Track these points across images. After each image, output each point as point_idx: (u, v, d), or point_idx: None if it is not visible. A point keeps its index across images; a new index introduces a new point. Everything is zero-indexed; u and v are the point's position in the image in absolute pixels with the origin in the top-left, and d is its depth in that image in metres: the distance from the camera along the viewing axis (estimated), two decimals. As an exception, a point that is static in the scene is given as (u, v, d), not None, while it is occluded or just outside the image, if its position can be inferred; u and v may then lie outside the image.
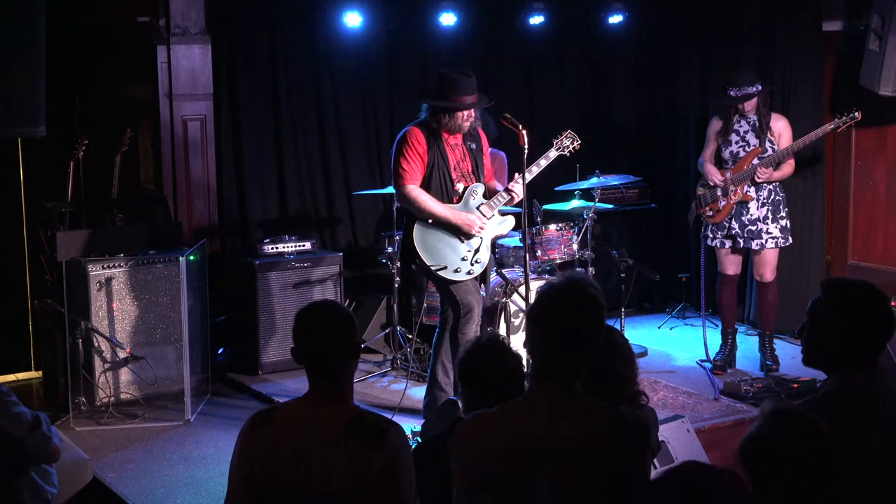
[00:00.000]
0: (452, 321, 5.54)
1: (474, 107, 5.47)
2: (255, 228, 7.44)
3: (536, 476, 2.58)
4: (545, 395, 2.66)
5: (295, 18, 7.44)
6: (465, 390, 3.49)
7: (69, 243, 6.13)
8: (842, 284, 2.94)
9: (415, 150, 5.42)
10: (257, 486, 2.82)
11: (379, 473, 2.73)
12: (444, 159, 5.49)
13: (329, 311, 2.94)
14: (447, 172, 5.50)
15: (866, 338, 2.82)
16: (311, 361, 2.89)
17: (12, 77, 5.16)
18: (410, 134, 5.46)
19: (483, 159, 5.70)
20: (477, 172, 5.62)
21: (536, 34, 8.06)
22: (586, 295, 2.69)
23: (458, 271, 5.49)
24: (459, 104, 5.39)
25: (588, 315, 2.68)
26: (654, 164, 8.40)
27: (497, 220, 5.64)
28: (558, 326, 2.65)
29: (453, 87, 5.37)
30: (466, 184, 5.58)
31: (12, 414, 3.69)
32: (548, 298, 2.70)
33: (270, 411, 2.92)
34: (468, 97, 5.42)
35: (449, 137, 5.52)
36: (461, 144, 5.58)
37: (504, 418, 2.69)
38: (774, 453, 2.36)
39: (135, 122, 7.21)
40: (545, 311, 2.68)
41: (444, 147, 5.50)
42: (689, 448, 4.86)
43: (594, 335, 2.69)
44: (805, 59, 7.34)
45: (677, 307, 8.05)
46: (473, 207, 5.56)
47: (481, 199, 5.59)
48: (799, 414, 2.42)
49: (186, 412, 5.96)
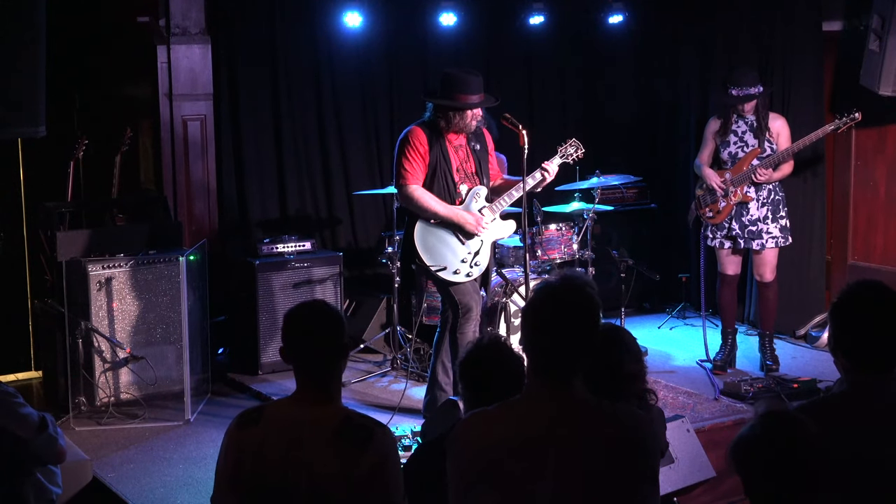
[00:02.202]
0: (451, 321, 5.55)
1: (482, 105, 5.45)
2: (255, 228, 7.44)
3: (539, 475, 2.58)
4: (544, 393, 2.65)
5: (295, 18, 7.44)
6: (465, 390, 3.49)
7: (69, 243, 6.13)
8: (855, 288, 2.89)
9: (416, 151, 5.41)
10: (245, 486, 2.82)
11: (367, 474, 2.73)
12: (447, 160, 5.48)
13: (318, 310, 2.94)
14: (450, 174, 5.49)
15: (875, 343, 2.80)
16: (299, 361, 2.89)
17: (12, 77, 5.16)
18: (412, 134, 5.45)
19: (489, 159, 5.69)
20: (480, 174, 5.60)
21: (536, 34, 8.06)
22: (584, 294, 2.68)
23: (457, 273, 5.49)
24: (468, 103, 5.37)
25: (586, 314, 2.67)
26: (654, 164, 8.40)
27: (498, 224, 5.63)
28: (556, 326, 2.64)
29: (461, 85, 5.35)
30: (470, 185, 5.57)
31: (19, 415, 3.69)
32: (545, 298, 2.69)
33: (258, 410, 2.92)
34: (475, 96, 5.40)
35: (452, 138, 5.50)
36: (465, 145, 5.57)
37: (504, 417, 2.68)
38: (763, 454, 2.38)
39: (135, 122, 7.20)
40: (542, 311, 2.67)
41: (447, 148, 5.49)
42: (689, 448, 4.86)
43: (592, 334, 2.68)
44: (805, 59, 7.34)
45: (677, 307, 8.05)
46: (475, 210, 5.56)
47: (483, 202, 5.58)
48: (789, 415, 2.44)
49: (186, 412, 5.96)
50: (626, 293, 7.25)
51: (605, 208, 7.11)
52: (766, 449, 2.38)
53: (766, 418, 2.42)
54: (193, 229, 7.13)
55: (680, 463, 4.66)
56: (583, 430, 2.60)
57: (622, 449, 2.60)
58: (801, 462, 2.36)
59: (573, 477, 2.57)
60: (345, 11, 7.22)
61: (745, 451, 2.41)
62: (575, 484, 2.57)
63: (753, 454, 2.39)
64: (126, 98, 7.63)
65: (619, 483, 2.59)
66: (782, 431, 2.39)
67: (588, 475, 2.57)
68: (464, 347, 5.33)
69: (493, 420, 2.69)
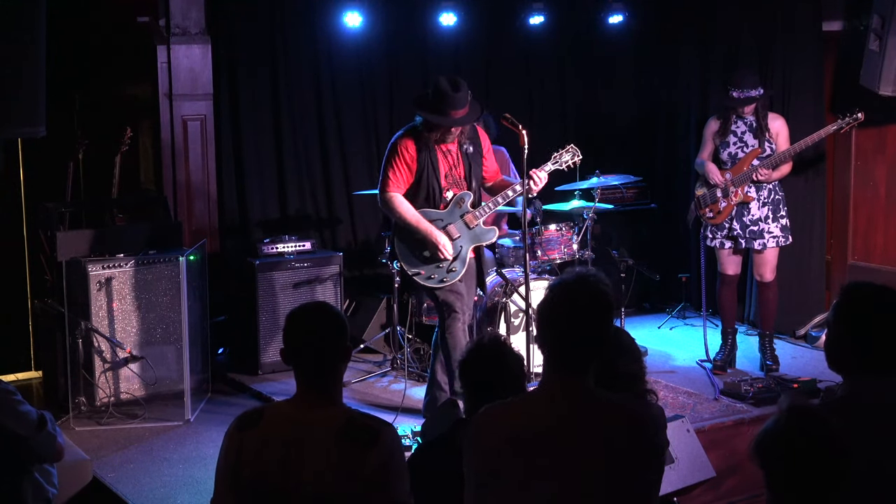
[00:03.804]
0: (440, 321, 5.62)
1: (465, 122, 5.48)
2: (255, 228, 7.43)
3: (552, 468, 2.59)
4: (559, 389, 2.67)
5: (295, 18, 7.44)
6: (465, 390, 3.49)
7: (69, 243, 6.13)
8: (852, 290, 2.88)
9: (402, 159, 5.49)
10: (246, 489, 2.81)
11: (372, 475, 2.72)
12: (435, 167, 5.53)
13: (320, 312, 2.93)
14: (437, 180, 5.54)
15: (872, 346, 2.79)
16: (300, 363, 2.87)
17: (12, 77, 5.16)
18: (400, 143, 5.52)
19: (482, 161, 5.70)
20: (470, 178, 5.63)
21: (536, 34, 8.06)
22: (598, 291, 2.70)
23: (431, 278, 5.58)
24: (452, 119, 5.41)
25: (600, 310, 2.69)
26: (654, 164, 8.40)
27: (480, 230, 5.66)
28: (572, 325, 2.66)
29: (444, 101, 5.39)
30: (456, 191, 5.61)
31: (18, 413, 3.69)
32: (560, 293, 2.71)
33: (258, 413, 2.90)
34: (460, 111, 5.42)
35: (443, 143, 5.54)
36: (455, 150, 5.60)
37: (519, 411, 2.71)
38: (790, 449, 2.36)
39: (135, 122, 7.20)
40: (558, 309, 2.69)
41: (436, 153, 5.54)
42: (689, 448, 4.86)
43: (605, 330, 2.71)
44: (805, 59, 7.34)
45: (677, 307, 8.05)
46: (458, 216, 5.61)
47: (467, 208, 5.63)
48: (816, 412, 2.41)
49: (186, 412, 5.96)
50: (626, 293, 7.25)
51: (605, 208, 7.10)
52: (791, 444, 2.34)
53: (791, 413, 2.40)
54: (193, 229, 7.13)
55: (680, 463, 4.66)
56: (596, 424, 2.62)
57: (639, 442, 2.63)
58: (827, 458, 2.34)
59: (585, 470, 2.58)
60: (345, 11, 7.22)
61: (770, 446, 2.38)
62: (587, 477, 2.58)
63: (778, 449, 2.37)
64: (126, 98, 7.62)
65: (631, 476, 2.60)
66: (808, 426, 2.35)
67: (600, 469, 2.58)
68: (456, 347, 5.37)
69: (509, 413, 2.71)
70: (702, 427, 5.40)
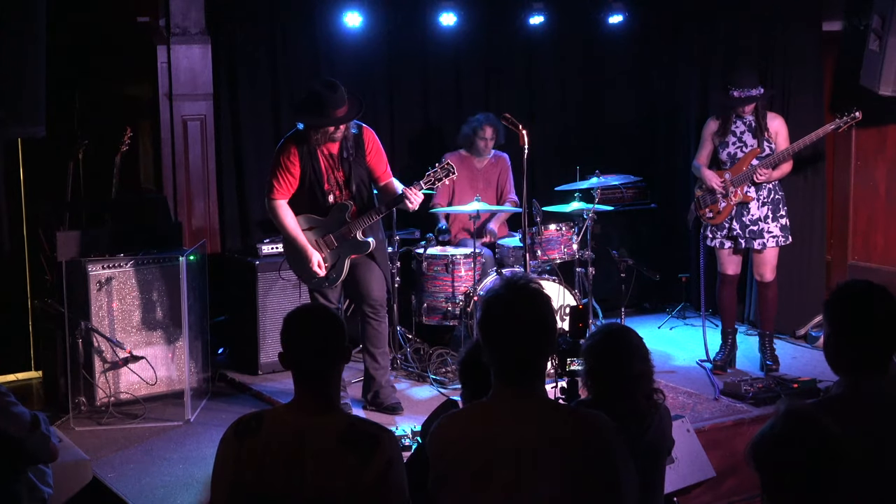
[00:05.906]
0: None
1: (346, 120, 5.57)
2: (255, 228, 7.43)
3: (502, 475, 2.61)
4: (507, 396, 2.68)
5: (295, 18, 7.43)
6: (464, 389, 3.49)
7: (69, 243, 6.13)
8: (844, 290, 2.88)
9: (284, 167, 5.65)
10: (245, 496, 2.79)
11: (373, 481, 2.72)
12: (317, 171, 5.67)
13: (318, 315, 2.92)
14: (319, 185, 5.69)
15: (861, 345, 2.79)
16: (299, 367, 2.86)
17: (12, 77, 5.16)
18: (283, 150, 5.68)
19: (366, 162, 5.73)
20: (349, 183, 5.71)
21: (536, 34, 8.06)
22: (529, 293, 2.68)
23: (311, 281, 5.81)
24: (330, 120, 5.51)
25: (537, 312, 2.68)
26: (654, 164, 8.40)
27: (357, 241, 5.74)
28: (518, 338, 2.65)
29: (322, 102, 5.50)
30: (339, 197, 5.72)
31: (11, 414, 3.68)
32: (494, 306, 2.69)
33: (256, 419, 2.87)
34: (338, 110, 5.52)
35: (324, 148, 5.65)
36: (337, 153, 5.68)
37: (471, 418, 2.74)
38: (785, 453, 2.35)
39: (135, 121, 7.20)
40: (499, 324, 2.68)
41: (318, 159, 5.65)
42: (689, 448, 4.86)
43: (550, 335, 2.70)
44: (805, 60, 7.34)
45: (677, 307, 8.05)
46: (337, 226, 5.73)
47: (346, 218, 5.73)
48: (812, 415, 2.40)
49: (186, 412, 5.96)
50: (626, 293, 7.25)
51: (605, 208, 7.10)
52: (788, 448, 2.34)
53: (788, 417, 2.39)
54: (193, 229, 7.14)
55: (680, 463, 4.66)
56: (545, 431, 2.63)
57: (588, 450, 2.63)
58: (823, 462, 2.33)
59: (536, 477, 2.60)
60: (345, 11, 7.21)
61: (767, 450, 2.38)
62: (538, 484, 2.59)
63: (775, 452, 2.36)
64: (126, 98, 7.62)
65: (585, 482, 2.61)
66: (805, 430, 2.35)
67: (554, 476, 2.59)
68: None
69: (462, 421, 2.75)
70: (702, 427, 5.40)
